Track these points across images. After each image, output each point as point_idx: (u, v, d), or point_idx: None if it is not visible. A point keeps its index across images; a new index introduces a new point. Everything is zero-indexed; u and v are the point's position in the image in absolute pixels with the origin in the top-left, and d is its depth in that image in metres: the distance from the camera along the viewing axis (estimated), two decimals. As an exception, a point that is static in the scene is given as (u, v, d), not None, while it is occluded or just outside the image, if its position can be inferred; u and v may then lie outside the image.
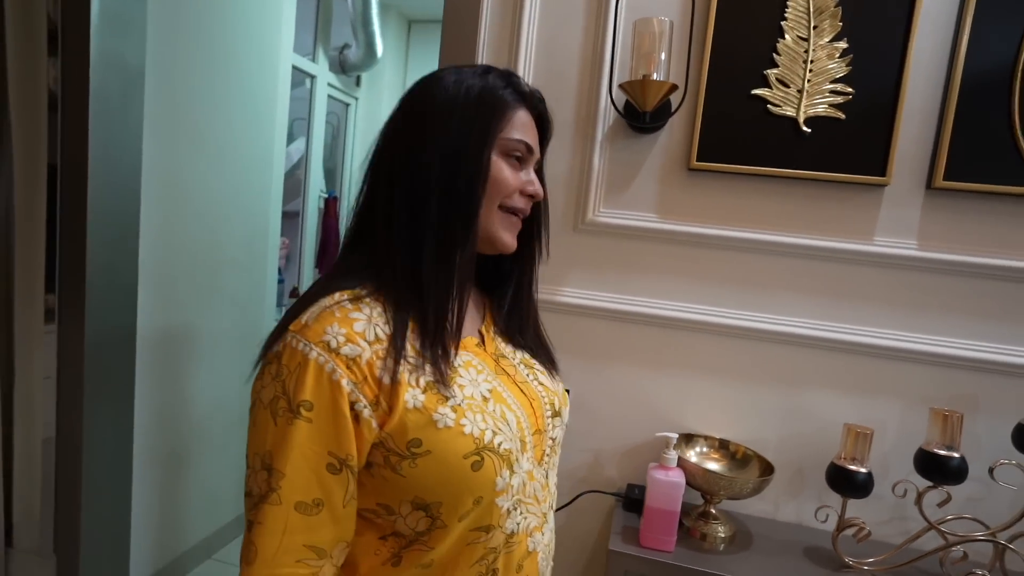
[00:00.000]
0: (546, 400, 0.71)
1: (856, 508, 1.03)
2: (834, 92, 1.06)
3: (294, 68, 2.47)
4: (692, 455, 1.11)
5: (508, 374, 0.69)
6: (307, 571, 0.55)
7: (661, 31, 1.04)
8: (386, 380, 0.56)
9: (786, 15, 1.06)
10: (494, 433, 0.60)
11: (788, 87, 1.07)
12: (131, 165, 1.51)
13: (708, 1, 1.08)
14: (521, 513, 0.64)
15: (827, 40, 1.06)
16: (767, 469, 1.04)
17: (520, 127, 0.65)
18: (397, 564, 0.61)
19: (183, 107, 1.78)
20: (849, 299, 1.09)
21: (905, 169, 1.06)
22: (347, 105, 3.30)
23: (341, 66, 3.05)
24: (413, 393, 0.57)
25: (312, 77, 2.86)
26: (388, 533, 0.61)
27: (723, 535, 1.03)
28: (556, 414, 0.72)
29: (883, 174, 1.05)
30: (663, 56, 1.04)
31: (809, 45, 1.06)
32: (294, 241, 3.04)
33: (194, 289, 1.89)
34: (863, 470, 0.98)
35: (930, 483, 0.96)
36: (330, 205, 3.13)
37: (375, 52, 2.99)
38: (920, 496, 0.96)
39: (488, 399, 0.62)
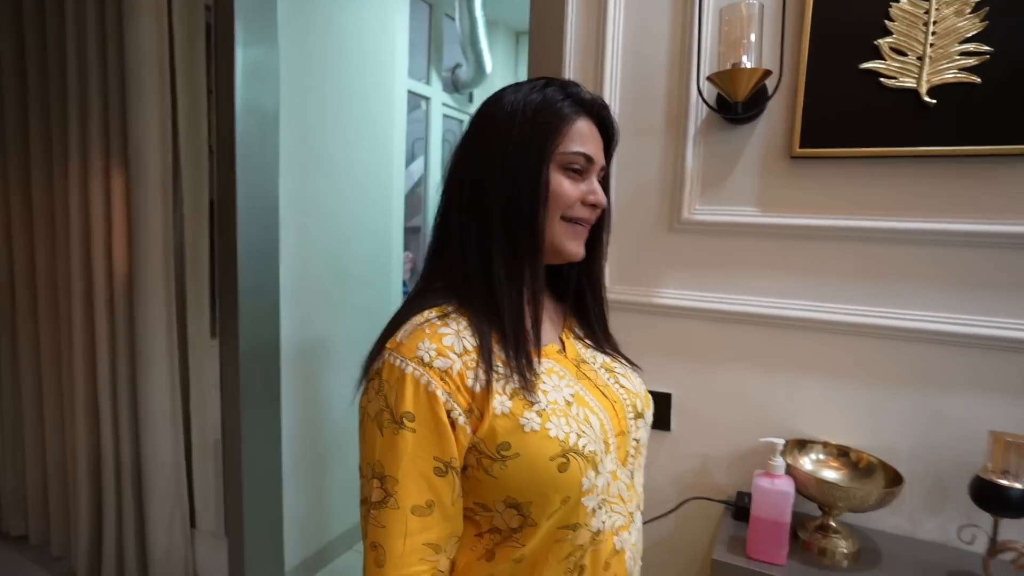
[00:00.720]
0: (628, 402, 0.72)
1: (1013, 529, 0.90)
2: (965, 54, 0.93)
3: (409, 93, 2.64)
4: (807, 462, 1.03)
5: (589, 378, 0.71)
6: (428, 567, 0.61)
7: (749, 15, 0.99)
8: (477, 388, 0.60)
9: (898, -23, 0.96)
10: (578, 436, 0.62)
11: (906, 55, 0.96)
12: (271, 197, 1.72)
13: (803, -24, 1.00)
14: (606, 512, 0.66)
15: (953, -4, 0.94)
16: (895, 480, 0.94)
17: (578, 138, 0.66)
18: (491, 559, 0.64)
19: (312, 141, 1.98)
20: (994, 288, 0.95)
21: (1063, 134, 0.90)
22: (461, 122, 3.45)
23: (454, 85, 3.20)
24: (501, 400, 0.60)
25: (427, 99, 3.04)
26: (485, 530, 0.65)
27: (845, 551, 0.94)
28: (639, 416, 0.73)
29: (1035, 142, 0.90)
30: (753, 42, 0.99)
31: (931, 4, 0.95)
32: (418, 254, 3.25)
33: (327, 304, 2.10)
34: (1018, 485, 0.85)
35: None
36: (449, 218, 3.29)
37: (484, 68, 3.11)
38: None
39: (571, 403, 0.64)
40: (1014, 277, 0.94)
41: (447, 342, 0.61)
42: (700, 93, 1.08)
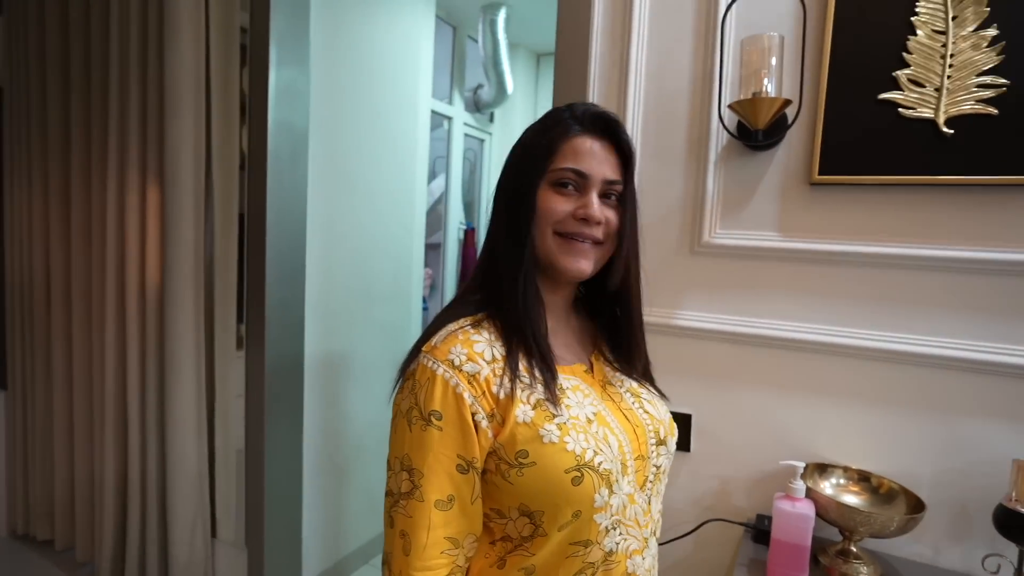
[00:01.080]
0: (650, 428, 0.73)
1: (1038, 559, 0.89)
2: (982, 86, 0.95)
3: (432, 112, 2.70)
4: (827, 487, 1.03)
5: (614, 400, 0.73)
6: (449, 560, 0.64)
7: (770, 46, 1.01)
8: (501, 395, 0.63)
9: (917, 10, 0.98)
10: (595, 453, 0.64)
11: (923, 87, 0.98)
12: (299, 213, 1.77)
13: (824, 10, 1.03)
14: (620, 534, 0.67)
15: (971, 29, 0.96)
16: (917, 506, 0.94)
17: (571, 155, 0.68)
18: (502, 567, 0.66)
19: (339, 159, 2.04)
20: (1016, 315, 0.95)
21: (1083, 164, 0.91)
22: (482, 141, 3.51)
23: (475, 105, 3.27)
24: (524, 409, 0.63)
25: (449, 119, 3.10)
26: (498, 537, 0.67)
27: (866, 577, 0.94)
28: (661, 442, 0.73)
29: (1052, 172, 0.92)
30: (774, 71, 1.01)
31: (948, 39, 0.97)
32: (437, 271, 3.29)
33: (350, 318, 2.14)
34: (1041, 515, 0.85)
35: None
36: (469, 236, 3.34)
37: (506, 89, 3.17)
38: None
39: (592, 421, 0.66)
40: (1035, 305, 0.95)
41: (478, 348, 0.65)
42: (721, 120, 1.11)
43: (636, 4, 1.19)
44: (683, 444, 1.19)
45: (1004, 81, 0.94)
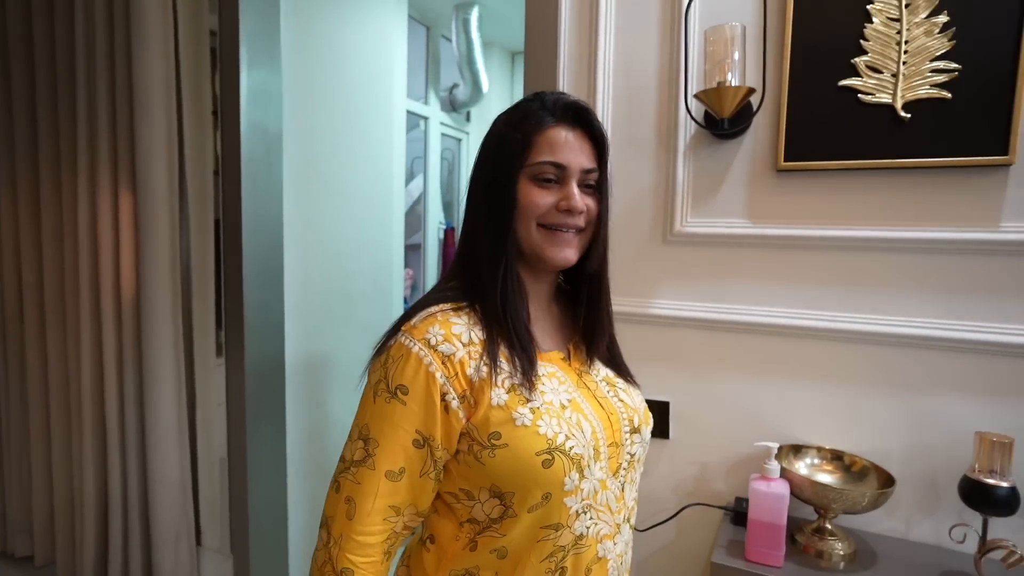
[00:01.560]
0: (624, 416, 0.74)
1: (1004, 528, 0.92)
2: (936, 71, 0.98)
3: (408, 113, 2.69)
4: (801, 467, 1.06)
5: (589, 388, 0.74)
6: (388, 527, 0.66)
7: (732, 36, 1.03)
8: (475, 378, 0.65)
9: (872, -1, 1.01)
10: (567, 437, 0.65)
11: (881, 73, 1.01)
12: (275, 216, 1.76)
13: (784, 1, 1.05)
14: (591, 518, 0.68)
15: (923, 16, 0.98)
16: (887, 482, 0.97)
17: (547, 148, 0.69)
18: (474, 549, 0.68)
19: (314, 162, 2.03)
20: (974, 293, 0.99)
21: (1033, 144, 0.94)
22: (459, 140, 3.51)
23: (451, 104, 3.27)
24: (498, 392, 0.65)
25: (425, 119, 3.10)
26: (465, 519, 0.68)
27: (842, 552, 0.96)
28: (635, 431, 0.75)
29: (1005, 152, 0.95)
30: (737, 61, 1.03)
31: (902, 26, 0.99)
32: (418, 271, 3.29)
33: (330, 320, 2.13)
34: (1004, 484, 0.88)
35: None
36: (449, 235, 3.34)
37: (481, 88, 3.17)
38: (1081, 514, 0.84)
39: (566, 407, 0.68)
40: (990, 282, 0.98)
41: (456, 331, 0.66)
42: (688, 110, 1.13)
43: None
44: (662, 431, 1.21)
45: (956, 66, 0.97)
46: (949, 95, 0.97)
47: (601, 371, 0.78)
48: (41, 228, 1.89)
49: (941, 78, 0.97)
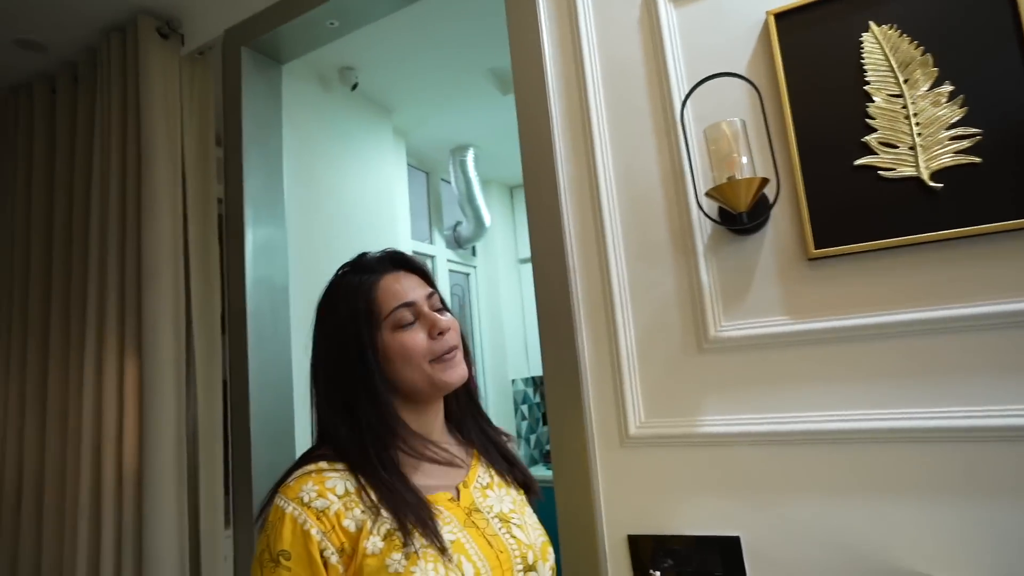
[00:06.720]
0: (516, 553, 0.75)
1: None
2: (956, 138, 0.93)
3: (415, 253, 2.73)
4: (921, 605, 0.86)
5: (478, 527, 0.74)
6: None
7: (734, 131, 1.01)
8: (352, 528, 0.67)
9: (867, 78, 0.99)
10: None
11: (896, 147, 0.96)
12: (283, 371, 1.69)
13: (776, 88, 1.04)
14: None
15: (925, 89, 0.96)
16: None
17: (392, 296, 0.77)
18: None
19: (323, 310, 2.00)
20: (1072, 367, 0.86)
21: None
22: (467, 275, 3.54)
23: (456, 241, 3.33)
24: (373, 540, 0.66)
25: (432, 258, 3.14)
26: None
27: None
28: (529, 568, 0.75)
29: (1056, 209, 0.87)
30: (744, 154, 1.00)
31: (905, 100, 0.97)
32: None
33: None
34: None
35: None
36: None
37: (483, 223, 3.25)
38: None
39: (445, 549, 0.68)
40: (1089, 352, 0.85)
41: (330, 484, 0.69)
42: (701, 208, 1.08)
43: (594, 118, 1.21)
44: (737, 571, 1.01)
45: (975, 130, 0.92)
46: (979, 159, 0.91)
47: (495, 508, 0.78)
48: (47, 405, 1.83)
49: (964, 144, 0.92)
